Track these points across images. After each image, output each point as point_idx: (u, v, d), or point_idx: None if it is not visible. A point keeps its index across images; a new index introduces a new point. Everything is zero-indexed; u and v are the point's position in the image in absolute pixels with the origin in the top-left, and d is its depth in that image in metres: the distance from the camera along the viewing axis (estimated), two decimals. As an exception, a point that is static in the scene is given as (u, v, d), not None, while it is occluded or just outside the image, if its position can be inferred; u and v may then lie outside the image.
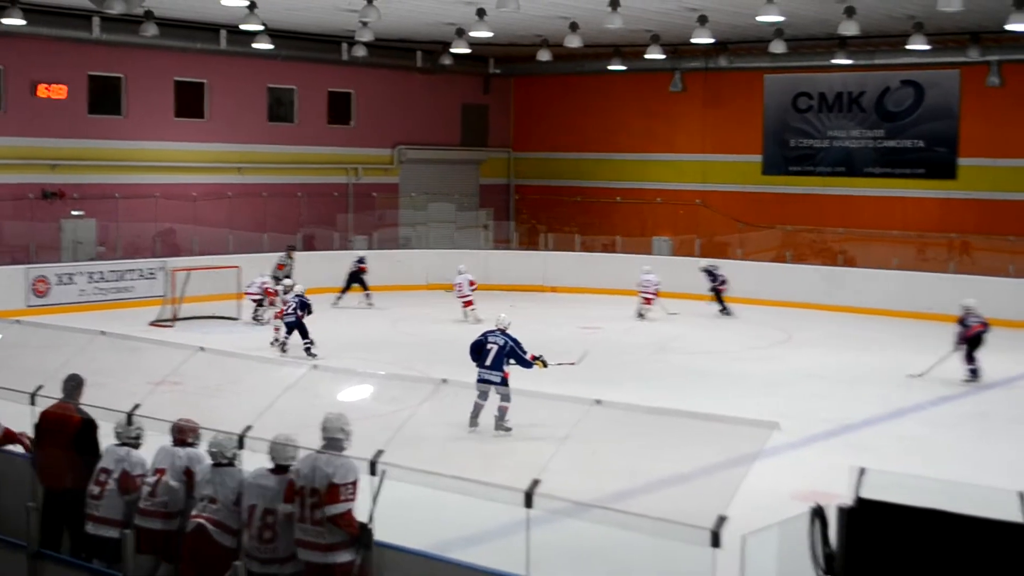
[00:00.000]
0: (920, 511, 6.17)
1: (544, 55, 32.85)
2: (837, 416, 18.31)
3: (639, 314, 29.15)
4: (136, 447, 9.53)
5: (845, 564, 6.37)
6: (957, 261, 31.72)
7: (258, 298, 26.85)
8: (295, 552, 8.38)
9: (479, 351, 16.72)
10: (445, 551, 9.03)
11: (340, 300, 30.72)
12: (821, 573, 6.47)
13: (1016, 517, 6.08)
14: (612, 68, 35.66)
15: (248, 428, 8.78)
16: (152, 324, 26.44)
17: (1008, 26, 24.43)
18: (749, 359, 23.93)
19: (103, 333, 11.36)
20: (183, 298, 27.07)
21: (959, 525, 6.06)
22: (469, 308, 28.29)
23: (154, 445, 9.45)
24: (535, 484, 7.40)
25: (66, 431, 9.88)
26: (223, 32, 31.42)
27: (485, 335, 16.90)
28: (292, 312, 23.02)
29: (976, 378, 21.08)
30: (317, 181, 36.14)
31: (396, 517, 8.42)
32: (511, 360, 16.56)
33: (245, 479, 8.76)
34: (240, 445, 8.83)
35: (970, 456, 16.11)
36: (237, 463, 8.89)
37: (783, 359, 24.11)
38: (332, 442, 8.45)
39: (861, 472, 6.39)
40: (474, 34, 28.46)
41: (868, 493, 6.32)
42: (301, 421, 8.87)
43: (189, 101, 33.53)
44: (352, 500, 8.23)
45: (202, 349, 10.29)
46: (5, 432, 10.77)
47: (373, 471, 8.08)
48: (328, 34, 33.21)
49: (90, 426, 9.91)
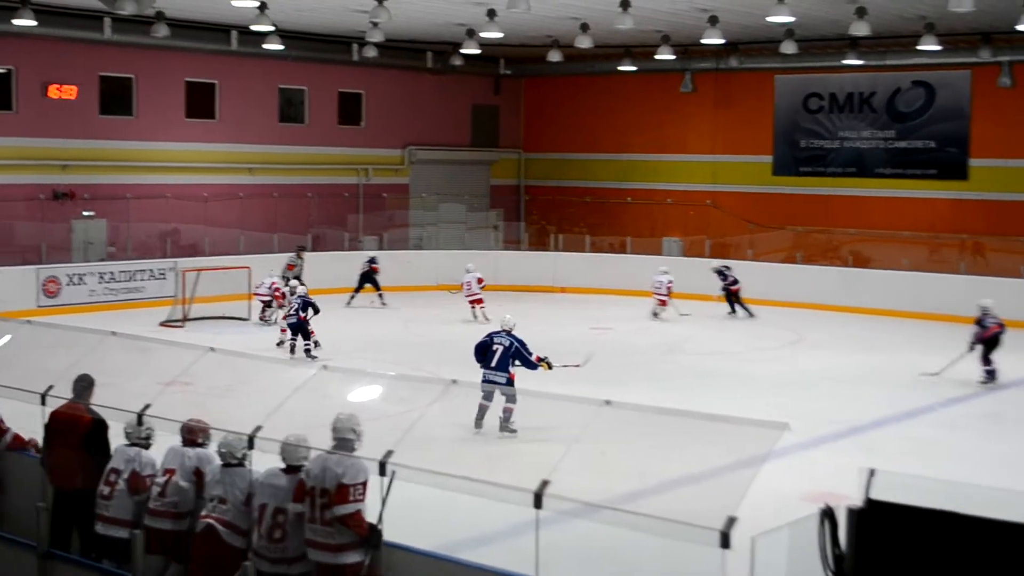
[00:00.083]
0: (930, 512, 6.15)
1: (555, 56, 32.86)
2: (847, 417, 18.28)
3: (653, 314, 29.15)
4: (146, 447, 9.55)
5: (855, 565, 6.35)
6: (968, 262, 31.65)
7: (267, 299, 26.87)
8: (305, 552, 8.39)
9: (484, 352, 16.59)
10: (454, 552, 9.02)
11: (353, 300, 30.75)
12: (831, 574, 6.46)
13: (1027, 518, 6.07)
14: (622, 69, 35.65)
15: (258, 428, 8.78)
16: (162, 324, 26.48)
17: (1020, 27, 24.46)
18: (759, 360, 23.89)
19: (114, 333, 11.37)
20: (193, 298, 27.12)
21: (969, 527, 6.04)
22: (479, 307, 28.27)
23: (164, 445, 9.47)
24: (545, 485, 7.39)
25: (76, 431, 9.90)
26: (234, 33, 31.46)
27: (490, 336, 16.78)
28: (294, 313, 23.02)
29: (993, 379, 21.00)
30: (327, 182, 36.16)
31: (405, 518, 8.41)
32: (516, 361, 16.45)
33: (257, 478, 8.78)
34: (250, 445, 8.84)
35: (981, 457, 16.06)
36: (247, 463, 8.90)
37: (793, 360, 24.09)
38: (343, 442, 8.45)
39: (871, 473, 6.37)
40: (484, 35, 28.49)
41: (878, 494, 6.30)
42: (311, 422, 8.88)
43: (200, 102, 33.57)
44: (361, 500, 8.23)
45: (212, 350, 10.30)
46: (15, 438, 10.80)
47: (383, 472, 8.08)
48: (339, 35, 33.24)
49: (100, 426, 9.92)
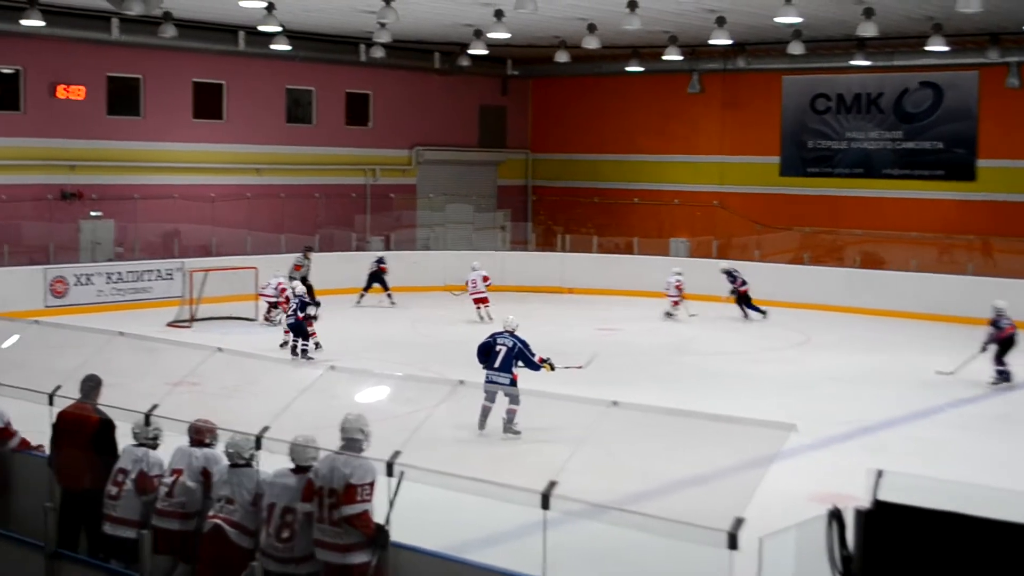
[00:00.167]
0: (938, 514, 6.13)
1: (562, 56, 32.83)
2: (855, 418, 18.25)
3: (666, 314, 29.13)
4: (154, 448, 9.56)
5: (863, 567, 6.33)
6: (976, 263, 31.60)
7: (273, 299, 26.85)
8: (312, 552, 8.40)
9: (487, 353, 16.51)
10: (461, 552, 9.02)
11: (361, 300, 30.80)
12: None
13: (1036, 520, 6.05)
14: (630, 69, 35.63)
15: (265, 429, 8.78)
16: (170, 325, 26.50)
17: (1027, 27, 24.41)
18: (766, 361, 23.87)
19: (121, 334, 11.37)
20: (201, 299, 27.14)
21: (978, 528, 6.02)
22: (483, 306, 28.24)
23: (171, 446, 9.48)
24: (552, 486, 7.38)
25: (84, 431, 9.91)
26: (241, 33, 31.48)
27: (493, 337, 16.69)
28: (292, 313, 22.97)
29: (1007, 380, 20.94)
30: (335, 182, 36.18)
31: (412, 518, 8.41)
32: (519, 362, 16.36)
33: (265, 478, 8.79)
34: (257, 446, 8.83)
35: (989, 458, 16.04)
36: (254, 464, 8.90)
37: (801, 361, 24.06)
38: (351, 443, 8.46)
39: (879, 474, 6.35)
40: (492, 35, 28.49)
41: (886, 495, 6.28)
42: (318, 422, 8.87)
43: (207, 102, 33.59)
44: (369, 501, 8.24)
45: (220, 350, 10.29)
46: (21, 443, 10.83)
47: (390, 472, 8.08)
48: (346, 35, 33.24)
49: (108, 426, 9.94)
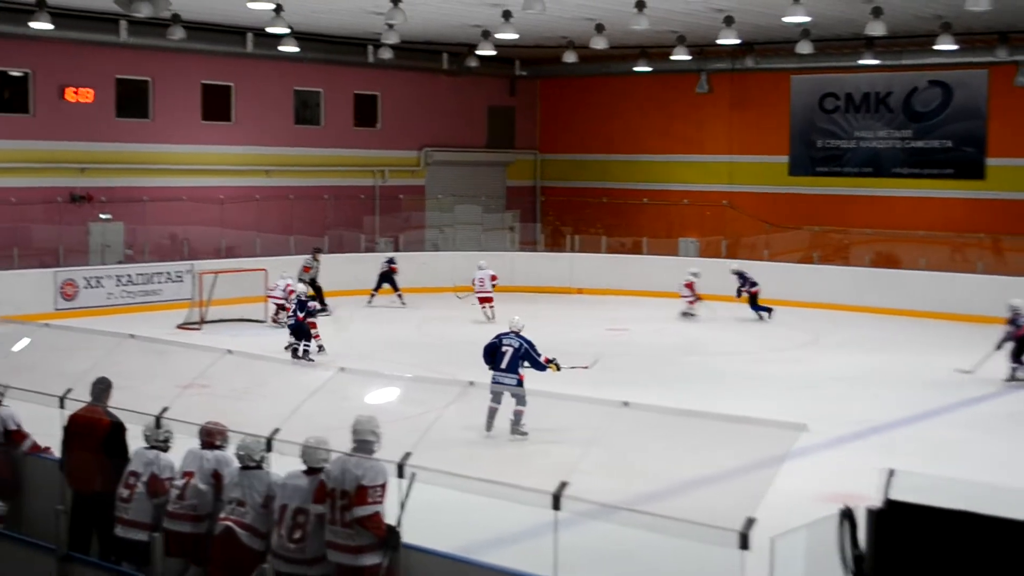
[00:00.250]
0: (950, 513, 6.12)
1: (570, 57, 32.81)
2: (865, 417, 18.21)
3: (682, 313, 29.09)
4: (165, 450, 9.57)
5: (874, 566, 6.32)
6: (986, 262, 31.53)
7: (281, 301, 26.86)
8: (324, 554, 8.40)
9: (493, 354, 16.49)
10: (473, 554, 9.02)
11: (372, 301, 30.85)
12: (850, 575, 6.44)
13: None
14: (638, 69, 35.61)
15: (276, 431, 8.79)
16: (180, 327, 26.54)
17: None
18: (776, 360, 23.84)
19: (131, 336, 11.39)
20: (210, 301, 27.18)
21: (990, 527, 6.01)
22: (488, 305, 28.27)
23: (182, 448, 9.49)
24: (563, 486, 7.38)
25: (95, 434, 9.92)
26: (249, 35, 31.50)
27: (499, 337, 16.65)
28: (292, 314, 22.89)
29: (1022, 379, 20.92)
30: (344, 183, 36.19)
31: (424, 519, 8.41)
32: (525, 362, 16.33)
33: (277, 480, 8.80)
34: (268, 448, 8.85)
35: (1001, 457, 16.01)
36: (265, 466, 8.91)
37: (810, 361, 24.02)
38: (362, 444, 8.46)
39: (890, 474, 6.34)
40: (500, 36, 28.48)
41: (897, 495, 6.27)
42: (329, 424, 8.88)
43: (216, 104, 33.62)
44: (380, 502, 8.24)
45: (230, 352, 10.30)
46: (33, 446, 10.85)
47: (401, 474, 8.08)
48: (354, 37, 33.25)
49: (119, 429, 9.95)
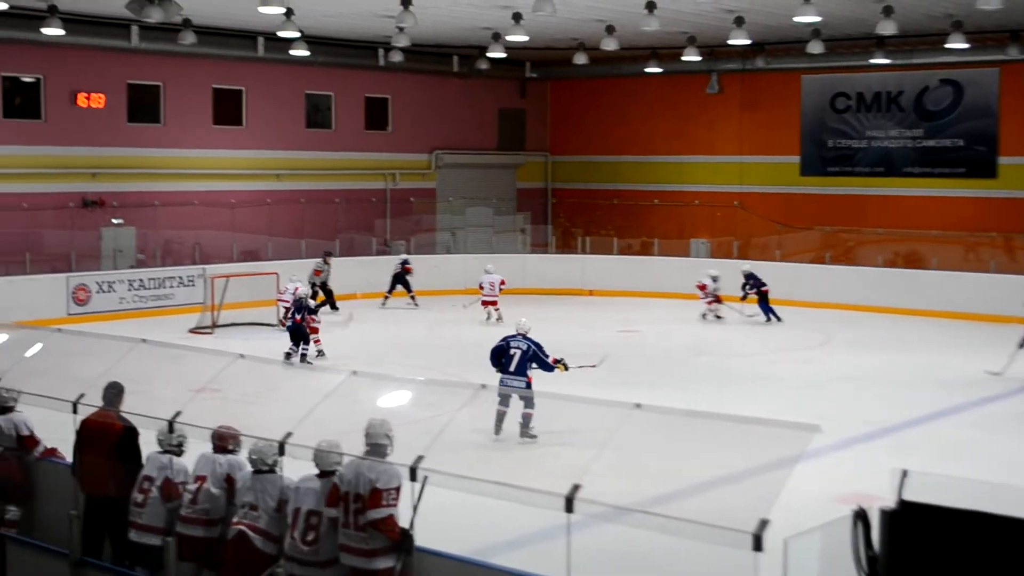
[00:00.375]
0: (964, 513, 6.10)
1: (580, 58, 32.80)
2: (878, 417, 18.17)
3: (702, 315, 29.04)
4: (179, 455, 9.58)
5: (888, 567, 6.31)
6: (999, 261, 31.44)
7: (289, 304, 26.82)
8: (337, 557, 8.41)
9: (500, 356, 16.40)
10: (486, 556, 9.01)
11: (386, 302, 30.91)
12: (864, 576, 6.43)
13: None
14: (648, 71, 35.58)
15: (288, 435, 8.80)
16: (192, 331, 26.56)
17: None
18: (788, 361, 23.80)
19: (144, 341, 11.41)
20: (222, 305, 27.21)
21: (1004, 527, 5.99)
22: (493, 308, 28.29)
23: (195, 452, 9.50)
24: (576, 489, 7.37)
25: (108, 439, 9.94)
26: (260, 39, 31.55)
27: (507, 340, 16.55)
28: (291, 317, 22.77)
29: None
30: (355, 187, 36.22)
31: (436, 523, 8.41)
32: (533, 364, 16.27)
33: (290, 484, 8.80)
34: (280, 452, 8.85)
35: (1014, 457, 15.96)
36: (278, 470, 8.92)
37: (822, 361, 23.97)
38: (375, 448, 8.47)
39: (903, 474, 6.33)
40: (510, 38, 28.44)
41: (911, 495, 6.25)
42: (341, 427, 8.88)
43: (227, 108, 33.67)
44: (394, 505, 8.25)
45: (242, 356, 10.32)
46: (45, 451, 10.88)
47: (413, 477, 8.08)
48: (365, 40, 33.28)
49: (131, 433, 9.96)
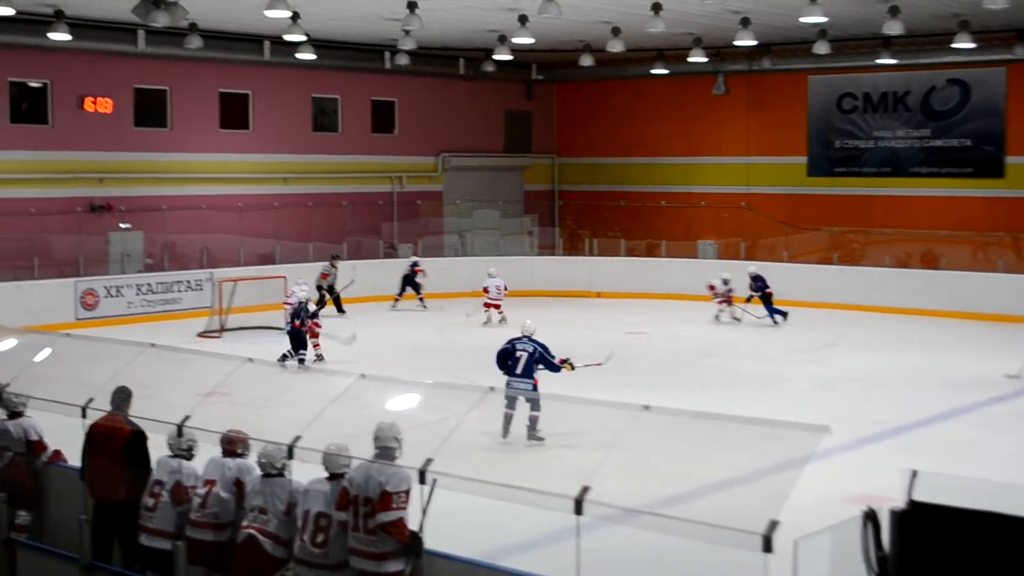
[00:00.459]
0: (974, 514, 6.10)
1: (586, 60, 32.78)
2: (888, 418, 18.16)
3: (715, 317, 29.01)
4: (189, 459, 9.58)
5: (898, 568, 6.31)
6: (1006, 260, 31.39)
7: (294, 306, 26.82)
8: (347, 560, 8.41)
9: (507, 359, 16.34)
10: (495, 559, 9.02)
11: (396, 305, 30.95)
12: (875, 577, 6.42)
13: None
14: (655, 72, 35.55)
15: (297, 438, 8.80)
16: (200, 335, 26.59)
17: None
18: (797, 362, 23.78)
19: (152, 345, 11.42)
20: (230, 309, 27.23)
21: (1014, 527, 5.99)
22: (496, 311, 28.31)
23: (204, 456, 9.51)
24: (585, 491, 7.37)
25: (116, 443, 9.94)
26: (267, 43, 31.56)
27: (512, 343, 16.48)
28: (289, 321, 22.66)
29: None
30: (362, 190, 36.23)
31: (445, 526, 8.41)
32: (540, 366, 16.24)
33: (299, 487, 8.81)
34: (289, 455, 8.86)
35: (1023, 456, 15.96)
36: (287, 473, 8.92)
37: (831, 362, 23.94)
38: (385, 451, 8.47)
39: (913, 475, 6.33)
40: (516, 40, 28.42)
41: (921, 496, 6.25)
42: (349, 431, 8.88)
43: (234, 112, 33.69)
44: (404, 508, 8.25)
45: (250, 360, 10.33)
46: (54, 455, 10.90)
47: (422, 480, 8.09)
48: (371, 43, 33.29)
49: (140, 437, 9.96)
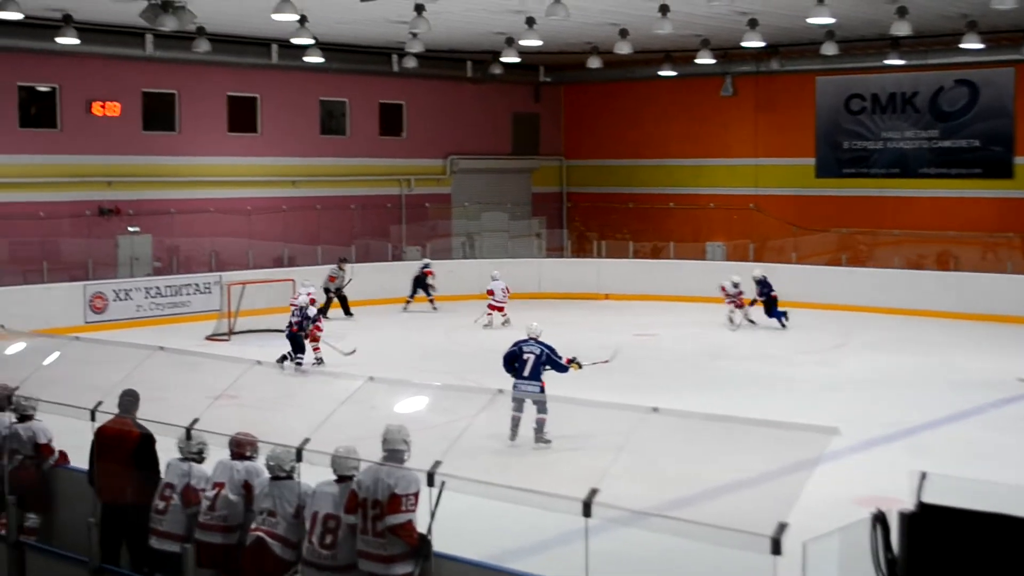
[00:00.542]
0: (984, 515, 6.09)
1: (594, 62, 32.75)
2: (897, 420, 18.14)
3: (729, 318, 28.92)
4: (199, 462, 9.60)
5: (908, 570, 6.29)
6: (1015, 261, 31.33)
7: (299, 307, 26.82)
8: (355, 562, 8.41)
9: (514, 362, 16.28)
10: (503, 561, 9.02)
11: (408, 307, 30.98)
12: (884, 579, 6.41)
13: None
14: (662, 74, 35.52)
15: (306, 441, 8.80)
16: (209, 338, 26.63)
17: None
18: (805, 363, 23.75)
19: (161, 348, 11.43)
20: (239, 312, 27.26)
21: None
22: (499, 313, 28.32)
23: (213, 459, 9.52)
24: (593, 493, 7.36)
25: (124, 446, 9.95)
26: (274, 47, 31.59)
27: (519, 345, 16.40)
28: (288, 325, 22.55)
29: None
30: (370, 193, 36.27)
31: (454, 528, 8.41)
32: (547, 367, 16.19)
33: (307, 490, 8.82)
34: (298, 458, 8.85)
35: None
36: (295, 476, 8.92)
37: (840, 363, 23.92)
38: (393, 453, 8.47)
39: (923, 476, 6.31)
40: (524, 43, 28.43)
41: (930, 498, 6.24)
42: (358, 433, 8.88)
43: (242, 116, 33.74)
44: (413, 511, 8.26)
45: (259, 363, 10.33)
46: (60, 457, 10.92)
47: (431, 482, 8.08)
48: (378, 46, 33.32)
49: (148, 440, 9.97)
